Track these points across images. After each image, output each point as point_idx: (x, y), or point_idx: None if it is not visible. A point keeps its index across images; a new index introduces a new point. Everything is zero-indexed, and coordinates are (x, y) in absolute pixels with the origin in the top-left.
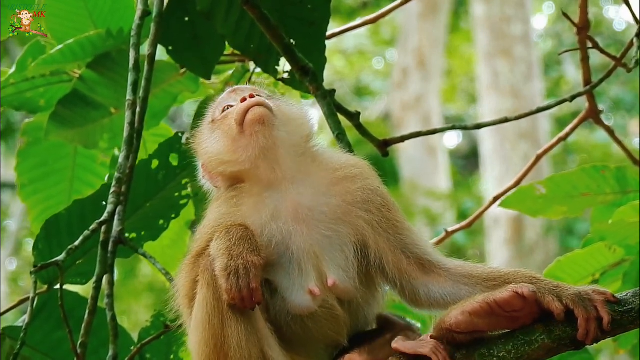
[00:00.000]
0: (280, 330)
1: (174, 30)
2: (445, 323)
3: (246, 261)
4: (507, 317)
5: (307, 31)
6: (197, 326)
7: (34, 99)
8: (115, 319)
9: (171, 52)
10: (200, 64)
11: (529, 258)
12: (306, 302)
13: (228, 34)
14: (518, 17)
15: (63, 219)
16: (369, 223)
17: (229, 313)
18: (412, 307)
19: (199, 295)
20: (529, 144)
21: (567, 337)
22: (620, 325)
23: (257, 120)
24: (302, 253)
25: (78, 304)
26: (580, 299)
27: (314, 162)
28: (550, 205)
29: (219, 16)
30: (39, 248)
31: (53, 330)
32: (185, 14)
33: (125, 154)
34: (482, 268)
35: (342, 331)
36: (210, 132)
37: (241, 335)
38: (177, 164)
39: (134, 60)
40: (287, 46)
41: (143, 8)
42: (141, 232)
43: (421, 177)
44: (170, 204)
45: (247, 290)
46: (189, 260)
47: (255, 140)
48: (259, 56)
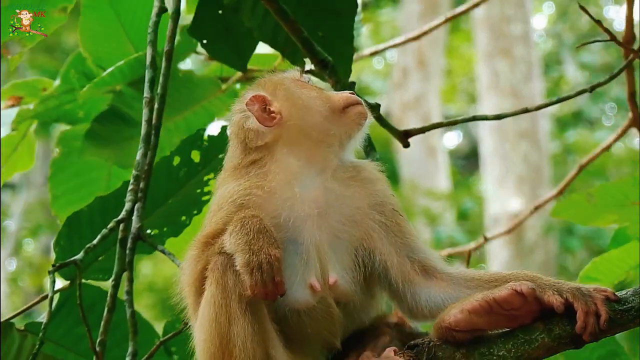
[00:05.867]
0: (277, 324)
1: (207, 24)
2: (444, 322)
3: (268, 255)
4: (506, 316)
5: (334, 22)
6: (203, 323)
7: (73, 110)
8: (135, 316)
9: (205, 45)
10: (236, 57)
11: (529, 258)
12: (305, 296)
13: (255, 27)
14: (518, 17)
15: (85, 216)
16: (381, 225)
17: (237, 313)
18: (412, 318)
19: (207, 292)
20: (529, 144)
21: (566, 335)
22: (620, 323)
23: (364, 115)
24: (311, 246)
25: (100, 297)
26: (580, 294)
27: (341, 161)
28: (601, 214)
29: (245, 9)
30: (61, 244)
31: (75, 324)
32: (218, 7)
33: (143, 151)
34: (484, 272)
35: (336, 332)
36: (312, 90)
37: (247, 335)
38: (199, 160)
39: (150, 57)
40: (306, 39)
41: (160, 5)
42: (163, 229)
43: (421, 177)
44: (192, 200)
45: (272, 284)
46: (199, 246)
47: (350, 128)
48: (286, 49)
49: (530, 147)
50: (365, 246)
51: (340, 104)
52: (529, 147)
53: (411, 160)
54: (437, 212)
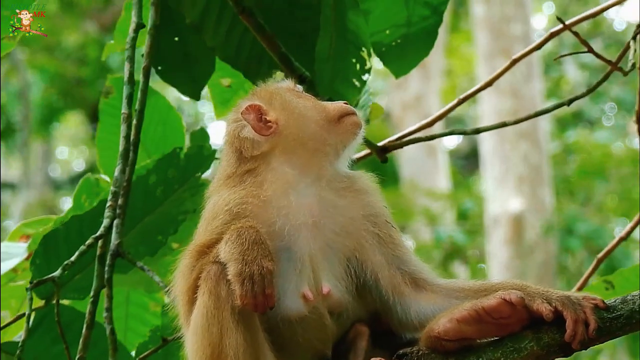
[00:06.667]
0: (268, 333)
1: (163, 50)
2: (433, 331)
3: (261, 267)
4: (495, 324)
5: (297, 43)
6: (195, 332)
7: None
8: (114, 333)
9: (160, 72)
10: (190, 85)
11: (529, 258)
12: (298, 306)
13: (218, 46)
14: (518, 17)
15: (61, 235)
16: (374, 237)
17: (229, 323)
18: (401, 329)
19: (199, 302)
20: (529, 144)
21: (555, 344)
22: (609, 331)
23: (359, 125)
24: (305, 255)
25: (75, 317)
26: (569, 302)
27: (335, 171)
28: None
29: (208, 27)
30: (37, 263)
31: (53, 343)
32: (175, 33)
33: (121, 167)
34: (473, 282)
35: (328, 342)
36: (308, 100)
37: (239, 346)
38: (176, 179)
39: (128, 73)
40: (284, 55)
41: (138, 21)
42: (139, 248)
43: (421, 177)
44: (169, 219)
45: (262, 296)
46: (193, 255)
47: (345, 137)
48: (248, 68)
49: (530, 147)
50: (358, 257)
51: (336, 114)
52: (529, 147)
53: (411, 160)
54: (437, 212)
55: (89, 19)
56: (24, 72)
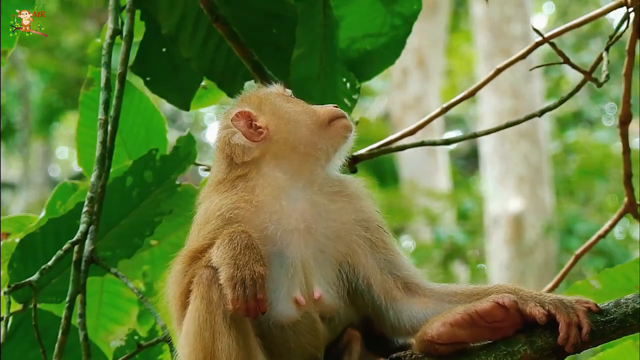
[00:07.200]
0: (261, 337)
1: (151, 61)
2: (426, 335)
3: (252, 271)
4: (488, 328)
5: (273, 56)
6: (187, 336)
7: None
8: (88, 339)
9: (149, 84)
10: (178, 95)
11: (529, 258)
12: (289, 310)
13: (193, 57)
14: (518, 17)
15: (38, 238)
16: (366, 241)
17: (221, 327)
18: (394, 334)
19: (191, 306)
20: (529, 144)
21: (549, 347)
22: (602, 335)
23: (349, 128)
24: (297, 260)
25: (53, 322)
26: (563, 305)
27: (327, 175)
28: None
29: (184, 38)
30: (14, 267)
31: (31, 347)
32: (163, 44)
33: (97, 173)
34: (466, 286)
35: (320, 346)
36: (298, 105)
37: (231, 351)
38: (152, 181)
39: (105, 79)
40: (257, 63)
41: (114, 27)
42: (116, 250)
43: (421, 177)
44: (145, 222)
45: (254, 301)
46: (185, 260)
47: (336, 140)
48: (224, 79)
49: (530, 147)
50: (350, 262)
51: (326, 118)
52: (529, 147)
53: (411, 160)
54: (437, 212)
55: (89, 19)
56: (24, 72)
